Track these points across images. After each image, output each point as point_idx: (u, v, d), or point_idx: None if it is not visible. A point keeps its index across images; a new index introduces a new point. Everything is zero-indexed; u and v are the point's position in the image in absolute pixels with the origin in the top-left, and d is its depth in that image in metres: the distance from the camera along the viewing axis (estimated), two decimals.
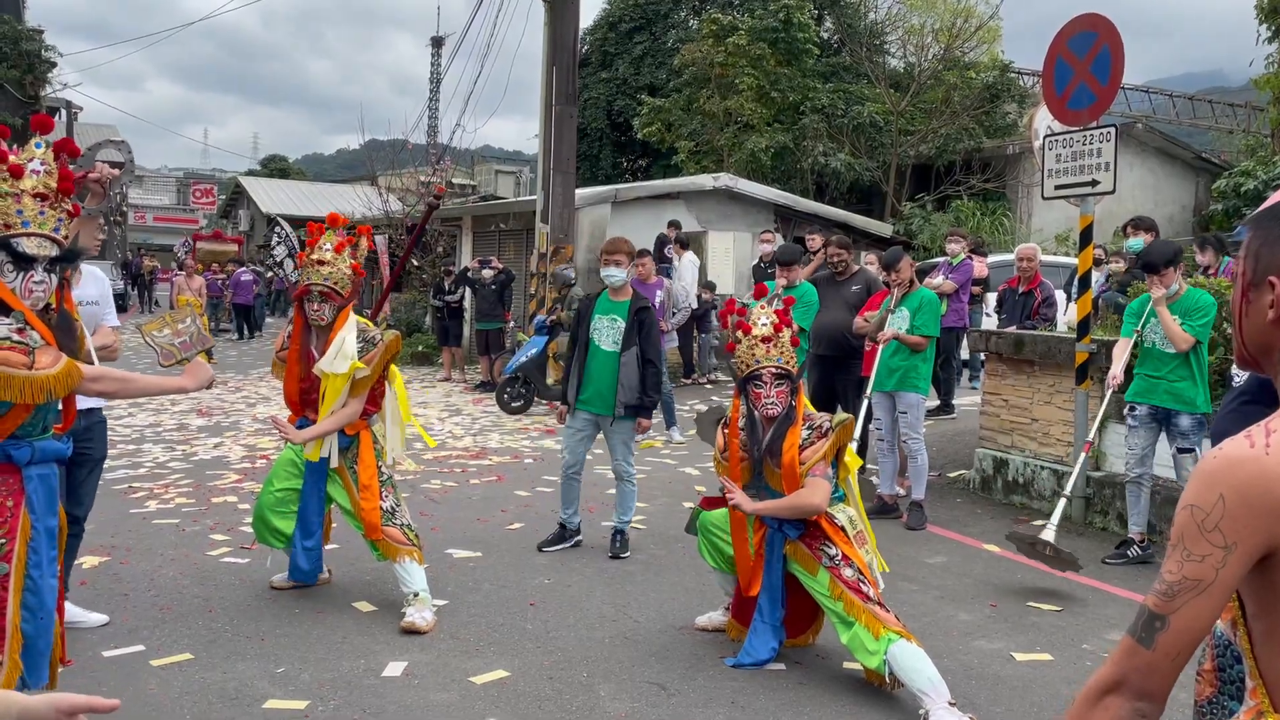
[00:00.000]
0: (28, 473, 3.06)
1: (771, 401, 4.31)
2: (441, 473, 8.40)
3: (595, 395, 5.95)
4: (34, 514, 3.05)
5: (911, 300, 6.91)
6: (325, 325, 4.87)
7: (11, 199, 2.94)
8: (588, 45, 28.46)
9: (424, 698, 4.04)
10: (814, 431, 4.32)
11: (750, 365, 4.36)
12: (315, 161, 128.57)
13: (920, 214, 19.45)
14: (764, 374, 4.32)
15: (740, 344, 4.41)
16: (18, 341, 2.94)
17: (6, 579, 2.97)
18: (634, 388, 5.91)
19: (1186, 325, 5.68)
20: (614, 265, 5.97)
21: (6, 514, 3.01)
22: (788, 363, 4.36)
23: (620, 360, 5.88)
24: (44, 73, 23.80)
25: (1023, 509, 7.21)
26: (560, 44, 13.53)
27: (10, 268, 2.96)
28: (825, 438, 4.28)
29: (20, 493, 3.05)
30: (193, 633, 4.64)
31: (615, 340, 5.93)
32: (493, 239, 18.18)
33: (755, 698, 4.09)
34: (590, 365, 5.96)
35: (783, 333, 4.37)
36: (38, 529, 3.06)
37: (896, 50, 25.83)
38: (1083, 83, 6.55)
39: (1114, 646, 4.44)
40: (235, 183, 47.26)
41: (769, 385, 4.31)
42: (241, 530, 6.37)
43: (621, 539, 6.10)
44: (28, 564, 3.01)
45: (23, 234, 2.95)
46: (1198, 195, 21.32)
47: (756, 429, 4.42)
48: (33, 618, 3.03)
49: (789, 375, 4.35)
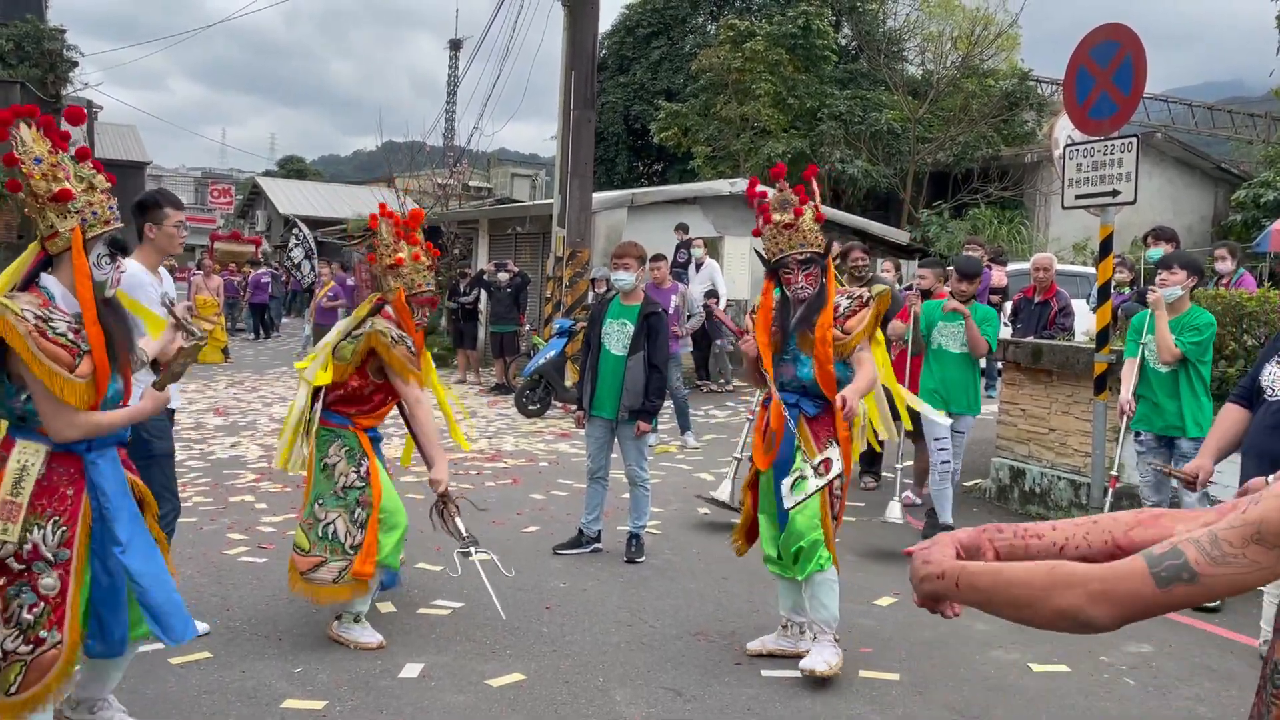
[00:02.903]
0: (89, 458, 3.17)
1: (801, 286, 4.38)
2: (456, 475, 8.41)
3: (606, 400, 5.96)
4: (103, 496, 3.17)
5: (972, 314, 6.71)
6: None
7: (103, 196, 3.17)
8: (606, 50, 28.52)
9: (440, 699, 4.05)
10: (854, 301, 4.41)
11: (775, 254, 4.41)
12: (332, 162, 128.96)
13: (937, 221, 19.39)
14: (789, 261, 4.37)
15: (765, 233, 4.44)
16: (70, 341, 3.04)
17: (69, 564, 3.11)
18: (639, 392, 5.91)
19: (1178, 340, 5.51)
20: (623, 269, 5.97)
21: (67, 502, 3.13)
22: (812, 245, 4.37)
23: (626, 364, 5.88)
24: (65, 72, 24.00)
25: (1039, 519, 7.18)
26: (579, 49, 13.56)
27: (107, 260, 3.17)
28: (866, 307, 4.37)
29: (81, 479, 3.16)
30: (212, 631, 4.66)
31: (624, 344, 5.94)
32: (509, 242, 18.22)
33: (771, 705, 4.08)
34: (600, 369, 5.98)
35: (803, 217, 4.35)
36: (108, 509, 3.17)
37: (915, 57, 25.81)
38: (1104, 92, 6.53)
39: (1132, 659, 4.40)
40: (253, 183, 47.48)
41: (796, 271, 4.37)
42: (259, 530, 6.40)
43: (637, 543, 6.11)
44: (91, 545, 3.16)
45: (119, 227, 3.21)
46: (1217, 205, 21.21)
47: (789, 307, 4.46)
48: (104, 597, 3.20)
49: (815, 258, 4.37)
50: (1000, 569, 1.43)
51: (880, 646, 4.76)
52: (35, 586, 3.05)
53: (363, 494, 4.55)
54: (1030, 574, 1.38)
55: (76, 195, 3.10)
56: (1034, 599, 1.36)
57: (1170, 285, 5.60)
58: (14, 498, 3.03)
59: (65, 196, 3.07)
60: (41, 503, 3.07)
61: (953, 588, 1.47)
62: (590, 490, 6.19)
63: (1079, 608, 1.33)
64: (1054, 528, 1.59)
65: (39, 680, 3.05)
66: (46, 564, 3.07)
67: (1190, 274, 5.64)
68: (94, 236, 3.14)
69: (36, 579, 3.05)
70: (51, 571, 3.08)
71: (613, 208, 15.46)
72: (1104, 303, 6.64)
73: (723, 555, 5.87)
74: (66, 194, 3.08)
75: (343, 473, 4.58)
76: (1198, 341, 5.52)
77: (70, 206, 3.09)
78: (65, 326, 3.05)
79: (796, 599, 4.52)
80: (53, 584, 3.07)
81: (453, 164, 22.17)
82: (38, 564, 3.05)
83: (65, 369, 3.00)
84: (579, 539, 6.19)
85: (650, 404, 5.96)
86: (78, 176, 3.13)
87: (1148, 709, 4.17)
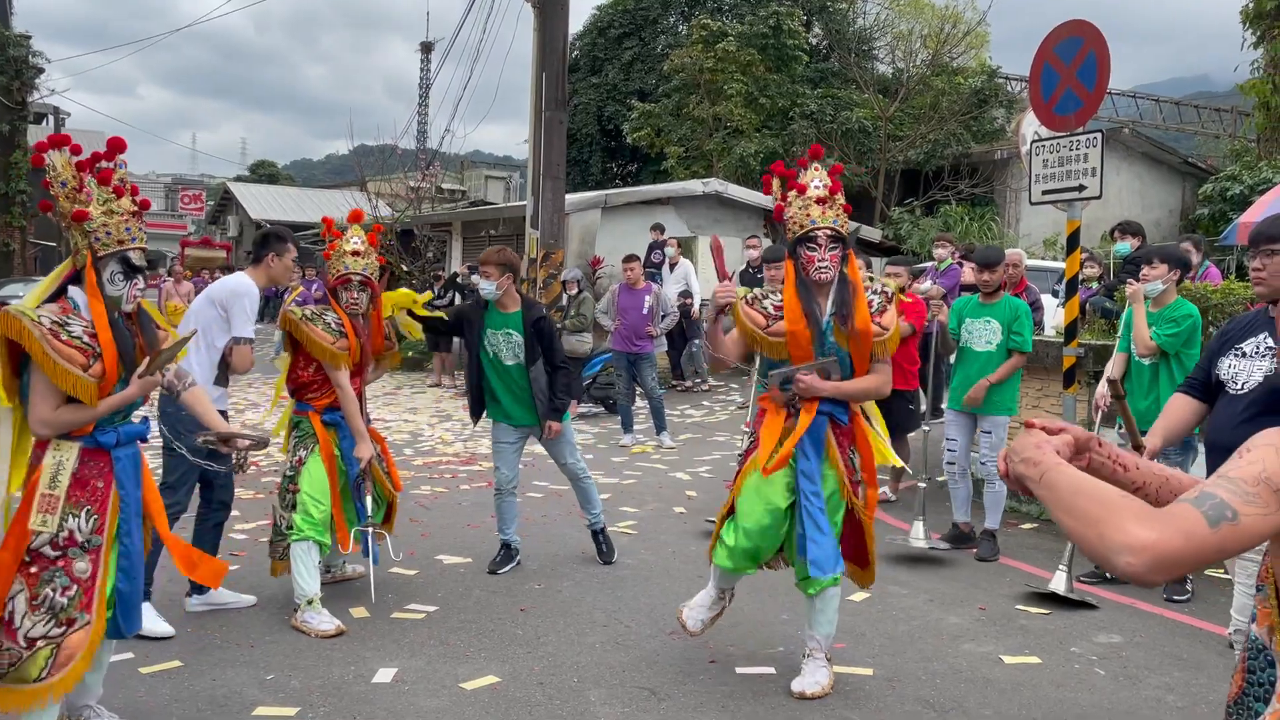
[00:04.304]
0: (115, 454, 3.46)
1: (825, 265, 4.07)
2: (432, 478, 8.39)
3: (514, 408, 5.70)
4: (123, 489, 3.46)
5: (1001, 309, 6.35)
6: (363, 314, 5.10)
7: (120, 217, 3.41)
8: (578, 51, 28.51)
9: (414, 704, 4.03)
10: (880, 296, 4.22)
11: (805, 226, 4.11)
12: (304, 167, 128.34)
13: (909, 219, 19.49)
14: (819, 235, 4.07)
15: (792, 204, 4.16)
16: (85, 344, 3.31)
17: (99, 550, 3.39)
18: (546, 397, 5.67)
19: (1155, 333, 5.52)
20: (484, 278, 5.60)
21: (99, 493, 3.41)
22: (843, 226, 4.15)
23: (530, 375, 5.61)
24: (31, 78, 23.73)
25: (1011, 512, 7.23)
26: (550, 50, 13.55)
27: (121, 277, 3.41)
28: (891, 302, 4.23)
29: (110, 473, 3.45)
30: (182, 640, 4.63)
31: (516, 354, 5.62)
32: (482, 244, 18.14)
33: (745, 702, 4.09)
34: (498, 379, 5.68)
35: (838, 195, 4.15)
36: (127, 502, 3.47)
37: (885, 56, 25.93)
38: (1069, 88, 6.58)
39: (1102, 649, 4.44)
40: (224, 188, 47.13)
41: (823, 248, 4.07)
42: (231, 537, 6.36)
43: (605, 541, 6.02)
44: (118, 533, 3.45)
45: (133, 248, 3.42)
46: (1184, 199, 21.43)
47: (811, 293, 4.14)
48: (126, 578, 3.47)
49: (843, 239, 4.14)
50: (1081, 481, 1.47)
51: (854, 642, 4.78)
52: (70, 571, 3.32)
53: (293, 481, 4.98)
54: (1105, 495, 1.42)
55: (94, 216, 3.36)
56: (1100, 519, 1.38)
57: (1151, 280, 5.60)
58: (52, 490, 3.32)
59: (80, 217, 3.36)
60: (76, 494, 3.36)
61: (1036, 480, 1.54)
62: (506, 504, 5.88)
63: (1141, 543, 1.33)
64: (1138, 466, 1.69)
65: (69, 663, 3.28)
66: (80, 550, 3.34)
67: (1172, 268, 5.62)
68: (106, 255, 3.38)
69: (71, 564, 3.32)
70: (85, 556, 3.35)
71: (586, 209, 15.46)
72: (1071, 297, 6.70)
73: (698, 555, 5.88)
74: (82, 214, 3.36)
75: (288, 459, 5.08)
76: (1174, 334, 5.46)
77: (86, 226, 3.36)
78: (81, 330, 3.32)
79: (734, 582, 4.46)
80: (85, 568, 3.35)
81: (425, 167, 22.05)
82: (72, 550, 3.33)
83: (78, 368, 3.26)
84: (509, 553, 5.92)
85: (559, 401, 5.69)
86: (100, 200, 3.39)
87: (1119, 699, 4.20)
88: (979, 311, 6.45)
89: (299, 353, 5.04)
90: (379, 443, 5.33)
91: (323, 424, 5.04)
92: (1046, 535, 6.72)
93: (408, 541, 6.20)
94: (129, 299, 3.45)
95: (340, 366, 4.98)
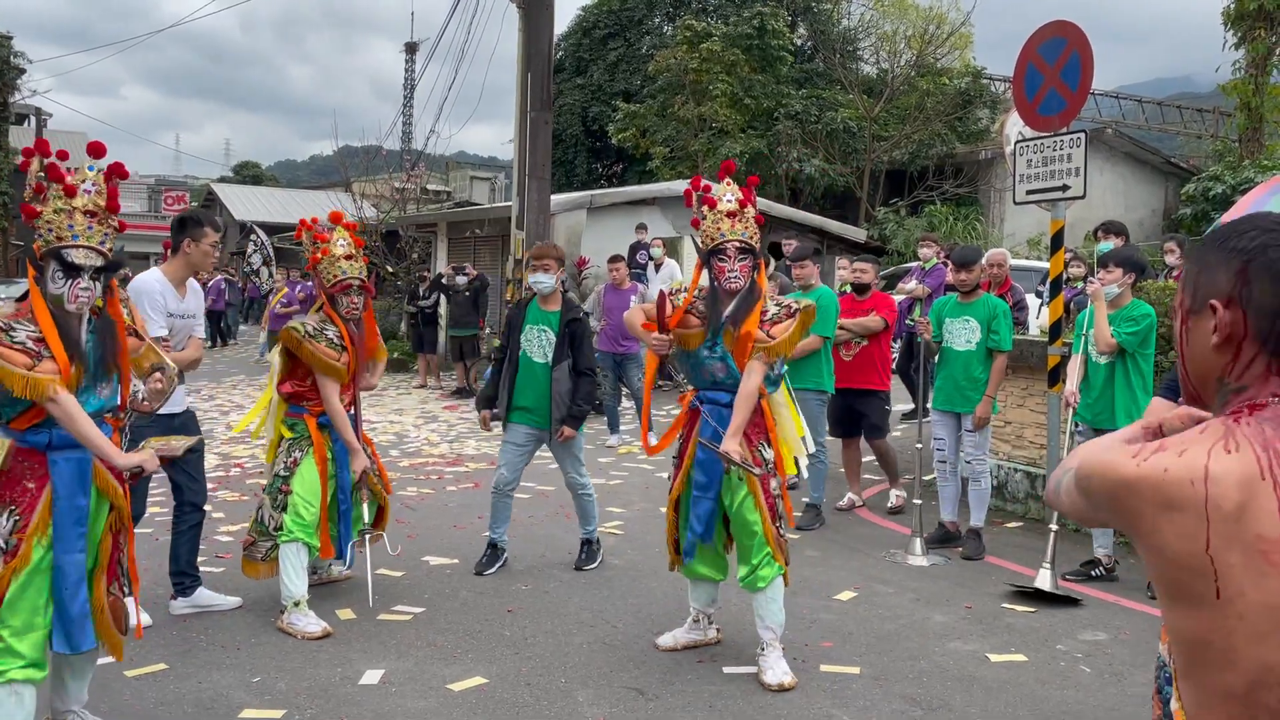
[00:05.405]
0: (53, 458, 3.37)
1: (735, 275, 4.33)
2: (418, 479, 8.37)
3: (533, 408, 5.71)
4: (61, 497, 3.35)
5: (979, 309, 6.36)
6: (359, 318, 5.11)
7: (64, 214, 3.34)
8: (563, 51, 28.51)
9: (401, 705, 4.02)
10: (783, 309, 4.39)
11: (715, 239, 4.36)
12: (289, 168, 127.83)
13: (894, 219, 19.57)
14: (728, 248, 4.33)
15: (705, 218, 4.41)
16: (30, 347, 3.27)
17: (16, 550, 3.28)
18: (567, 401, 5.68)
19: (1115, 331, 5.56)
20: (543, 271, 5.73)
21: (27, 494, 3.33)
22: (751, 238, 4.38)
23: (553, 375, 5.64)
24: (13, 79, 23.60)
25: (996, 511, 7.26)
26: (535, 50, 13.53)
27: (60, 275, 3.33)
28: (793, 318, 4.36)
29: (45, 477, 3.36)
30: (167, 643, 4.61)
31: (546, 352, 5.68)
32: (468, 245, 18.15)
33: (733, 701, 4.10)
34: (523, 378, 5.71)
35: (748, 209, 4.40)
36: (61, 508, 3.35)
37: (870, 56, 26.04)
38: (1053, 89, 6.62)
39: (1088, 647, 4.47)
40: (208, 189, 46.88)
41: (733, 259, 4.32)
42: (216, 540, 6.33)
43: (588, 550, 6.00)
44: (51, 540, 3.33)
45: (72, 246, 3.34)
46: (1167, 199, 21.58)
47: (718, 301, 4.40)
48: (59, 589, 3.34)
49: (752, 250, 4.37)
50: None
51: (841, 641, 4.79)
52: None
53: (285, 481, 4.97)
54: None
55: (44, 215, 3.33)
56: None
57: (1108, 283, 5.65)
58: None
59: (30, 214, 3.35)
60: (2, 493, 3.30)
61: None
62: (502, 504, 5.85)
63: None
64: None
65: None
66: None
67: (1127, 271, 5.67)
68: (46, 253, 3.35)
69: None
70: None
71: (572, 209, 15.45)
72: (1055, 296, 6.73)
73: None
74: (30, 211, 3.34)
75: (280, 460, 5.03)
76: (1134, 332, 5.55)
77: (36, 223, 3.35)
78: (24, 334, 3.28)
79: (712, 594, 4.71)
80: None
81: (409, 167, 22.00)
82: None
83: (22, 368, 3.22)
84: (495, 554, 5.90)
85: (578, 409, 5.70)
86: (53, 196, 3.36)
87: (1104, 696, 4.23)
88: (958, 311, 6.46)
89: (297, 365, 5.00)
90: (368, 445, 5.33)
91: (318, 427, 5.03)
92: (1031, 533, 6.75)
93: (394, 543, 6.18)
94: (70, 299, 3.33)
95: (341, 380, 4.98)
